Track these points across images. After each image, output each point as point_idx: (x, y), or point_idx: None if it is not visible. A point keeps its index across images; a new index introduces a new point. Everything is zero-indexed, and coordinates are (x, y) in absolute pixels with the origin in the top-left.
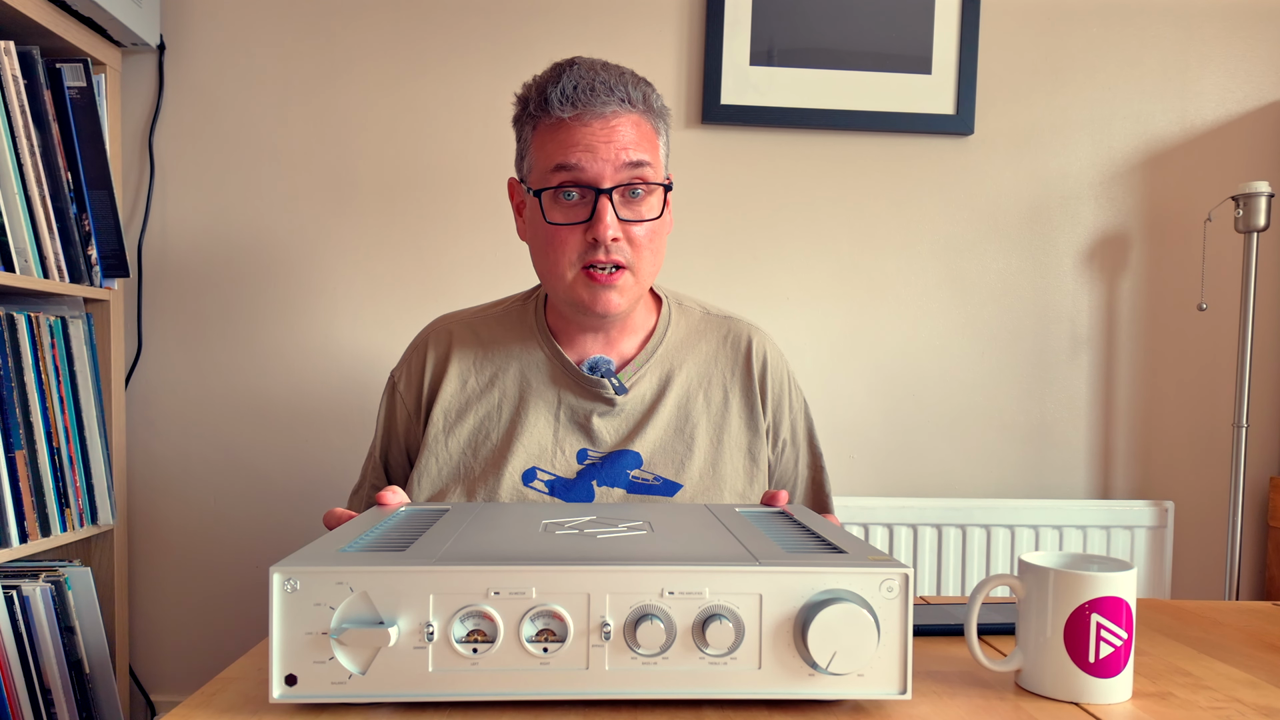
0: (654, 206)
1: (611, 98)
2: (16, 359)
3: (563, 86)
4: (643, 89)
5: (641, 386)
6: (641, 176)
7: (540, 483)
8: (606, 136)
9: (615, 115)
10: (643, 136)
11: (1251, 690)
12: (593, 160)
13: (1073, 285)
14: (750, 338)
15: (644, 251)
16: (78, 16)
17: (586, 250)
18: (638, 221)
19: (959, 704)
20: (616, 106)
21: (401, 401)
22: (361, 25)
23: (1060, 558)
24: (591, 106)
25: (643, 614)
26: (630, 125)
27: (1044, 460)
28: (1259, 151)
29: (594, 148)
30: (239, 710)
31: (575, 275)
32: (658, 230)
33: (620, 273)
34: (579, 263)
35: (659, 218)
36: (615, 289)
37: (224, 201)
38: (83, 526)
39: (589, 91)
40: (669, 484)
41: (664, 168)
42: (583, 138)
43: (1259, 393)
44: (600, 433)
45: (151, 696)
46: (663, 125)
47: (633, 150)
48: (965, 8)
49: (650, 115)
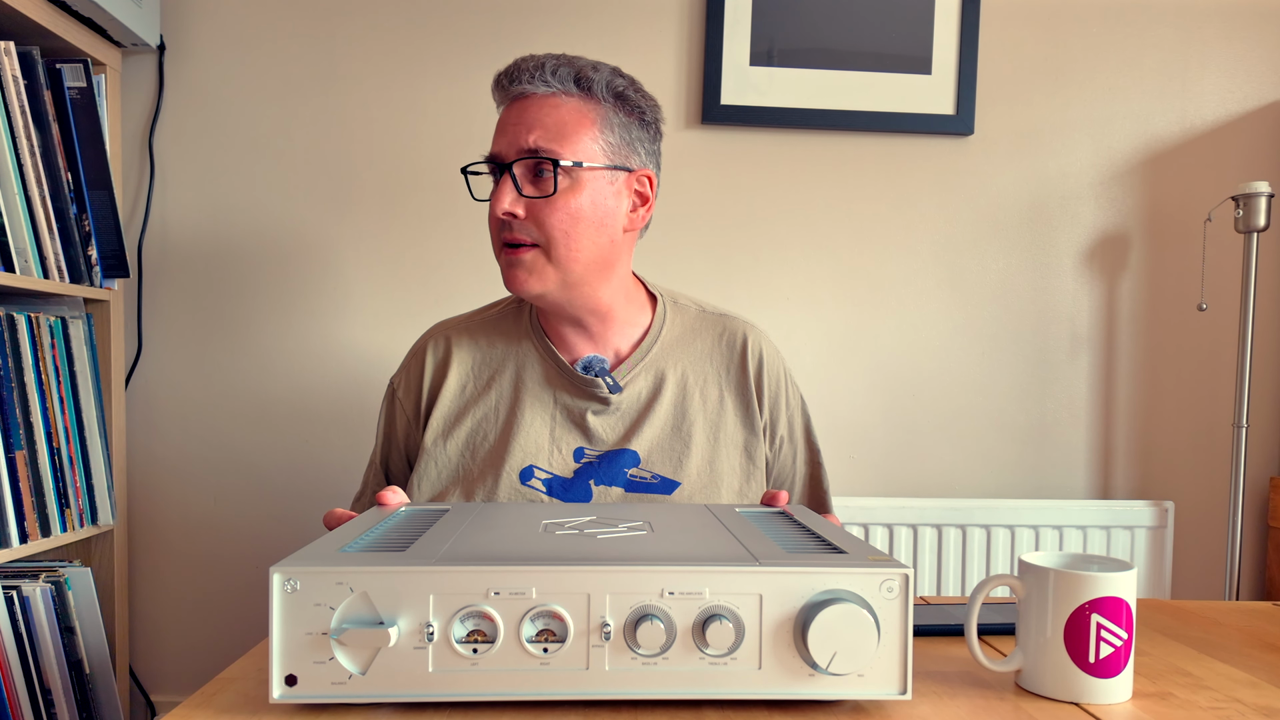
0: (568, 184)
1: (536, 82)
2: (16, 359)
3: (501, 74)
4: (587, 75)
5: (637, 384)
6: (548, 155)
7: (538, 481)
8: (518, 116)
9: (533, 96)
10: (566, 117)
11: (1251, 690)
12: (501, 138)
13: (1073, 285)
14: (746, 335)
15: (553, 232)
16: (78, 17)
17: (501, 229)
18: (542, 197)
19: (959, 704)
20: (540, 89)
21: (401, 408)
22: (361, 25)
23: (1060, 558)
24: (513, 89)
25: (643, 614)
26: (549, 107)
27: (1044, 460)
28: (1259, 151)
29: (505, 127)
30: (239, 710)
31: (499, 255)
32: (581, 213)
33: (528, 249)
34: (498, 241)
35: (576, 197)
36: (522, 266)
37: (224, 201)
38: (83, 527)
39: (512, 78)
40: (667, 482)
41: (605, 152)
42: (503, 119)
43: (1259, 393)
44: (597, 431)
45: (151, 696)
46: (612, 114)
47: (539, 130)
48: (965, 8)
49: (590, 101)
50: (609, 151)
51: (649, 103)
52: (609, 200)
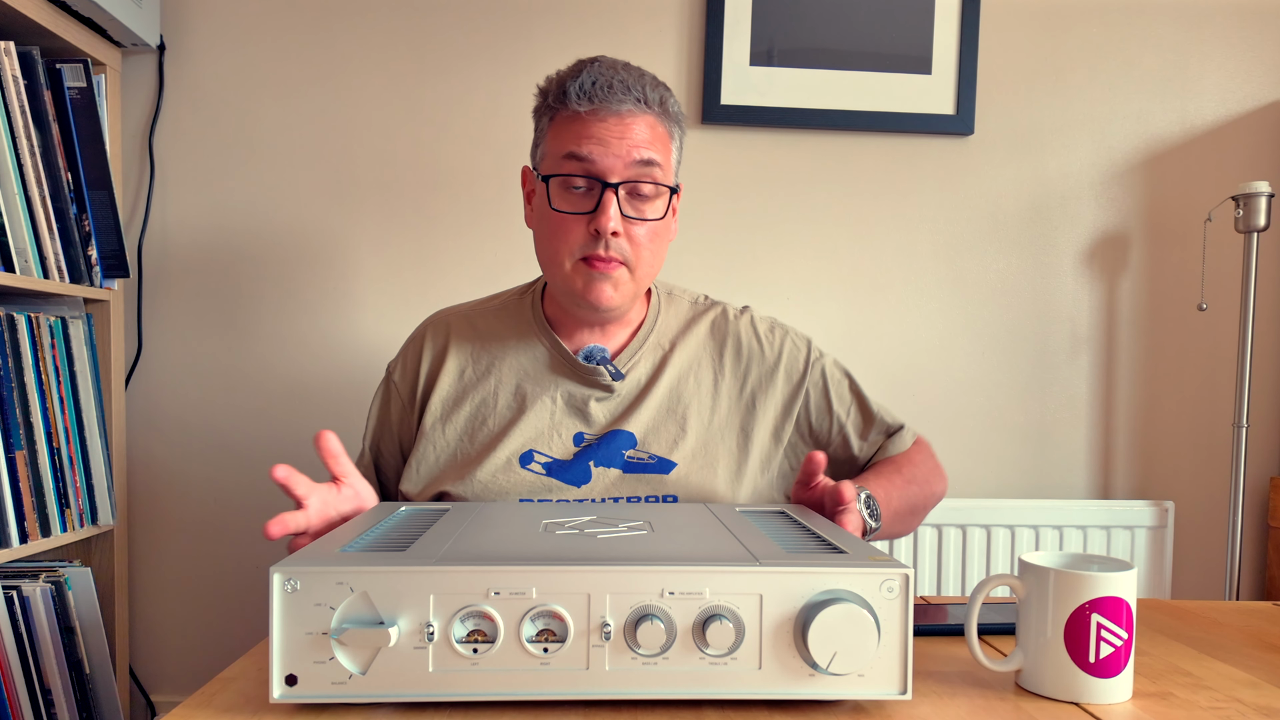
0: (659, 208)
1: (628, 96)
2: (16, 359)
3: (581, 81)
4: (660, 92)
5: (636, 372)
6: (650, 176)
7: (538, 464)
8: (620, 133)
9: (630, 114)
10: (656, 138)
11: (1251, 690)
12: (604, 154)
13: (1073, 285)
14: (737, 319)
15: (644, 251)
16: (78, 17)
17: (588, 242)
18: (641, 220)
19: (959, 704)
20: (632, 105)
21: (396, 392)
22: (361, 25)
23: (1060, 558)
24: (608, 103)
25: (643, 614)
26: (644, 125)
27: (1044, 460)
28: (1259, 151)
29: (606, 141)
30: (239, 710)
31: (574, 265)
32: (659, 232)
33: (618, 266)
34: (579, 253)
35: (661, 219)
36: (610, 280)
37: (224, 201)
38: (83, 526)
39: (606, 88)
40: (663, 461)
41: (674, 173)
42: (596, 131)
43: (1259, 393)
44: (597, 417)
45: (151, 696)
46: (677, 131)
47: (644, 149)
48: (965, 8)
49: (665, 119)
50: (677, 170)
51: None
52: (670, 218)
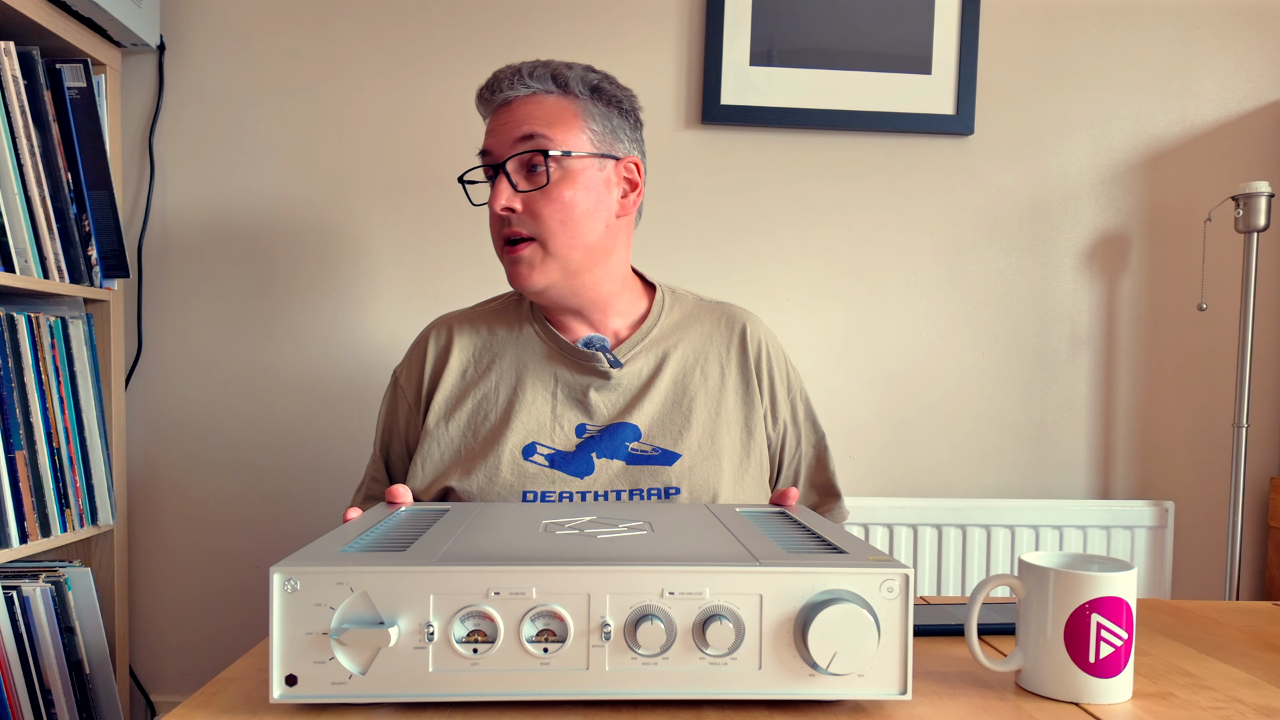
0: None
1: (517, 84)
2: (16, 359)
3: (481, 91)
4: (562, 73)
5: (638, 363)
6: (535, 146)
7: (540, 456)
8: (507, 118)
9: (518, 100)
10: (547, 114)
11: (1251, 690)
12: (495, 141)
13: (1073, 285)
14: (745, 322)
15: (550, 223)
16: (78, 17)
17: (500, 226)
18: (536, 190)
19: (959, 704)
20: (520, 91)
21: (402, 394)
22: (361, 24)
23: (1060, 558)
24: (499, 96)
25: (643, 614)
26: (533, 105)
27: (1044, 460)
28: (1259, 151)
29: (496, 130)
30: (239, 710)
31: (501, 254)
32: (570, 202)
33: (527, 244)
34: (500, 241)
35: (564, 187)
36: (524, 261)
37: (224, 201)
38: (83, 527)
39: (496, 87)
40: (667, 454)
41: (591, 144)
42: (493, 125)
43: (1259, 393)
44: (598, 407)
45: (151, 696)
46: (591, 105)
47: (526, 125)
48: (965, 8)
49: (568, 97)
50: (595, 141)
51: (625, 92)
52: (600, 188)
